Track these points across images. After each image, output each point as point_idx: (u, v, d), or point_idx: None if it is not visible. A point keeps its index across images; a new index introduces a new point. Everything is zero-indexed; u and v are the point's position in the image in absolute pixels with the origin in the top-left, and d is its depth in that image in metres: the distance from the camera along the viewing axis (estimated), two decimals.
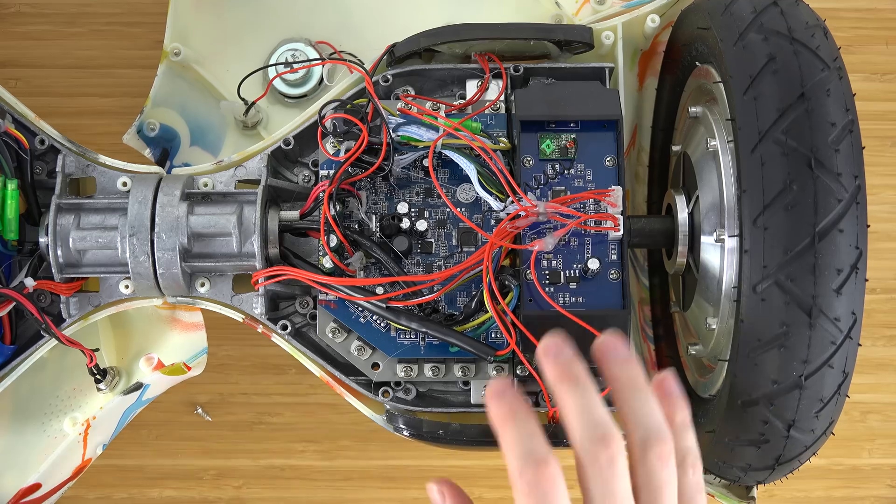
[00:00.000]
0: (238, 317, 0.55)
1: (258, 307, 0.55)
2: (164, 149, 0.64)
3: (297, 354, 0.54)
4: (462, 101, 0.54)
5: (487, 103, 0.54)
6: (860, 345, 0.45)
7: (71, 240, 0.52)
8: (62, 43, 0.75)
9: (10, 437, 0.60)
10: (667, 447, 0.35)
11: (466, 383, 0.54)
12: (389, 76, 0.55)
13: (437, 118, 0.52)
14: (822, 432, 0.47)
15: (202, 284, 0.55)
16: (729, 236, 0.49)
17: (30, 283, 0.53)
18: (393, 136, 0.52)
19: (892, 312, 0.75)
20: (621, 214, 0.50)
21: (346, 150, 0.53)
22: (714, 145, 0.51)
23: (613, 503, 0.34)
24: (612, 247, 0.50)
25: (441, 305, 0.52)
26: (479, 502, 0.73)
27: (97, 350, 0.56)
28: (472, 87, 0.55)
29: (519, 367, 0.52)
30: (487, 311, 0.50)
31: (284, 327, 0.55)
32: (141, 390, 0.60)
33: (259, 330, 0.55)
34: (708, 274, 0.52)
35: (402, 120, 0.52)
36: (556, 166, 0.51)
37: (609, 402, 0.36)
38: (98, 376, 0.58)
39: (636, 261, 0.66)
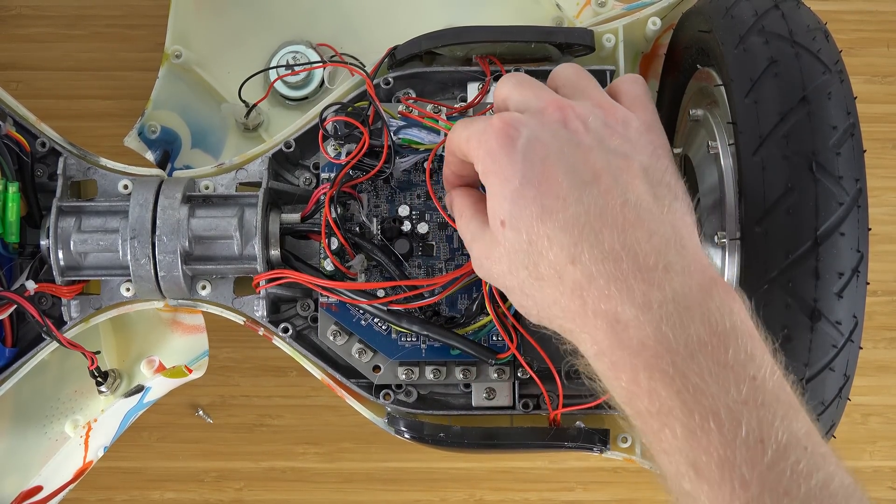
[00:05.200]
0: (239, 319, 0.55)
1: (259, 310, 0.55)
2: (165, 151, 0.64)
3: (299, 357, 0.54)
4: (463, 104, 0.54)
5: (488, 106, 0.54)
6: (861, 347, 0.45)
7: (72, 242, 0.52)
8: (63, 45, 0.75)
9: (12, 439, 0.60)
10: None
11: (468, 386, 0.54)
12: (390, 79, 0.55)
13: (438, 121, 0.52)
14: (823, 435, 0.47)
15: (203, 287, 0.55)
16: (730, 239, 0.49)
17: (31, 285, 0.53)
18: (394, 138, 0.52)
19: (893, 315, 0.75)
20: None
21: (348, 153, 0.53)
22: (715, 148, 0.51)
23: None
24: None
25: (442, 308, 0.52)
26: None
27: (98, 353, 0.56)
28: (473, 89, 0.55)
29: (520, 370, 0.52)
30: (488, 315, 0.50)
31: (286, 330, 0.55)
32: (142, 393, 0.60)
33: (260, 332, 0.55)
34: None
35: (403, 123, 0.52)
36: None
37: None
38: (99, 379, 0.58)
39: None
